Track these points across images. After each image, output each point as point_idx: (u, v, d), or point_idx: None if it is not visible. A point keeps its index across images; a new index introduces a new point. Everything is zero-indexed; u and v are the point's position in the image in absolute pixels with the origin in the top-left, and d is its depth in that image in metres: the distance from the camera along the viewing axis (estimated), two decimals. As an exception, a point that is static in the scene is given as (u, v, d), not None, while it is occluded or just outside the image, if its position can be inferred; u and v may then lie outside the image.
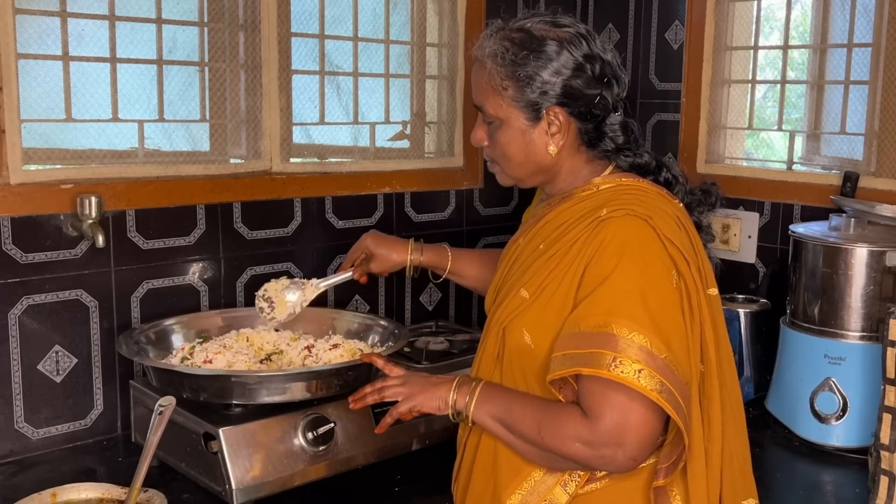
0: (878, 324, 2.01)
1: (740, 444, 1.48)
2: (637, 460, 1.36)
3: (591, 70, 1.46)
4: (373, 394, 1.60)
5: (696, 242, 1.47)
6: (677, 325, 1.36)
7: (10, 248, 1.89)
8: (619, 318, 1.32)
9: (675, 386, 1.31)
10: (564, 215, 1.49)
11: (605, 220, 1.41)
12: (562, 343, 1.37)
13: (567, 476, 1.44)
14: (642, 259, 1.36)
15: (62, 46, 1.98)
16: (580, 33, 1.47)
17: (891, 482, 1.77)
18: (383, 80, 2.56)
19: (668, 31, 2.76)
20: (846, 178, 2.34)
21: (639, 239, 1.38)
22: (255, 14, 2.23)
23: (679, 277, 1.39)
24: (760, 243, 2.55)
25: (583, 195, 1.50)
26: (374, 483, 1.83)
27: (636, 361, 1.30)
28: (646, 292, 1.34)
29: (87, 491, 1.58)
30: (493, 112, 1.49)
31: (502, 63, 1.46)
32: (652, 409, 1.32)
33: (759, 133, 2.85)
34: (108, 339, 2.04)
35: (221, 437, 1.67)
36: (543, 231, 1.51)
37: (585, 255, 1.39)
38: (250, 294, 2.25)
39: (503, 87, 1.47)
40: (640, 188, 1.49)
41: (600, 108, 1.48)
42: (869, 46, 2.37)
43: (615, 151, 1.53)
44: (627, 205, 1.42)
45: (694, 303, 1.40)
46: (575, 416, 1.36)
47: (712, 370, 1.41)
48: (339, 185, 2.42)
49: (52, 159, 1.98)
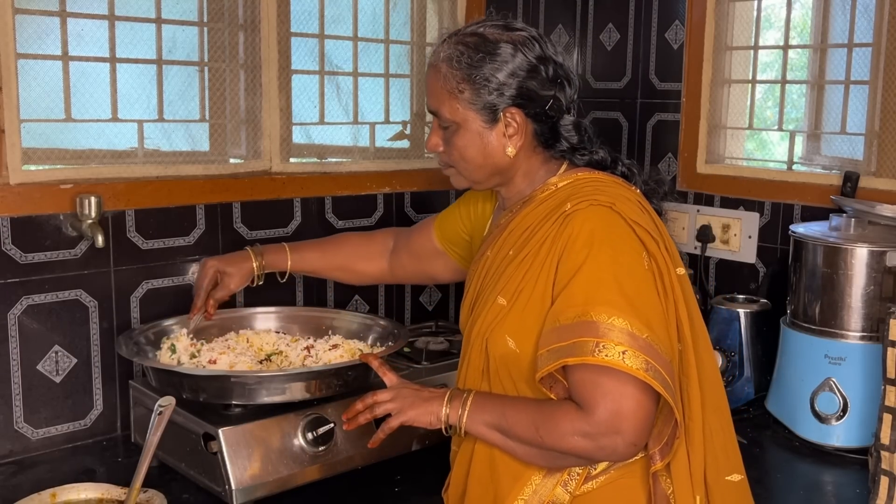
0: (878, 324, 2.01)
1: (720, 420, 1.48)
2: (637, 445, 1.36)
3: (545, 71, 1.48)
4: (364, 413, 1.59)
5: (659, 224, 1.49)
6: (654, 306, 1.37)
7: (9, 248, 1.89)
8: (597, 306, 1.34)
9: (660, 364, 1.32)
10: (528, 219, 1.50)
11: (570, 213, 1.42)
12: (545, 340, 1.38)
13: (566, 475, 1.44)
14: (612, 246, 1.38)
15: (62, 46, 1.98)
16: (532, 36, 1.50)
17: (891, 482, 1.77)
18: (383, 79, 2.55)
19: (668, 31, 2.76)
20: (846, 178, 2.34)
21: (606, 226, 1.40)
22: (254, 14, 2.23)
23: (650, 259, 1.40)
24: (760, 243, 2.55)
25: (542, 196, 1.51)
26: (374, 483, 1.83)
27: (619, 344, 1.31)
28: (620, 277, 1.36)
29: (86, 491, 1.58)
30: (449, 116, 1.50)
31: (458, 66, 1.47)
32: (644, 391, 1.33)
33: (759, 133, 2.84)
34: (107, 340, 2.04)
35: (221, 438, 1.67)
36: (510, 238, 1.52)
37: (556, 251, 1.41)
38: (250, 294, 2.25)
39: (459, 91, 1.48)
40: (596, 179, 1.51)
41: (555, 108, 1.50)
42: (869, 46, 2.37)
43: (570, 151, 1.55)
44: (589, 196, 1.44)
45: (666, 282, 1.41)
46: (570, 411, 1.37)
47: (688, 348, 1.42)
48: (339, 185, 2.42)
49: (52, 159, 1.98)
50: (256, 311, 2.13)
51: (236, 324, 2.08)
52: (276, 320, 2.13)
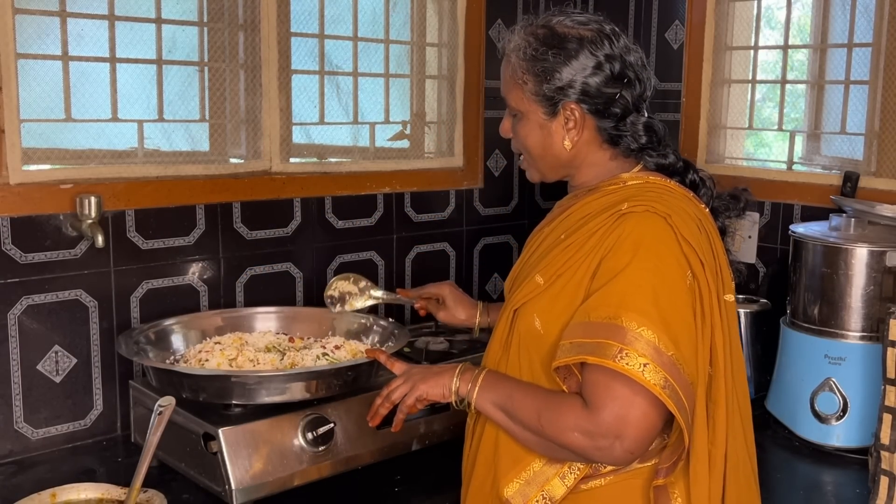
0: (878, 324, 2.01)
1: (748, 453, 1.49)
2: (634, 454, 1.36)
3: (611, 69, 1.48)
4: (383, 404, 1.61)
5: (716, 246, 1.48)
6: (687, 325, 1.37)
7: (9, 248, 1.89)
8: (630, 312, 1.33)
9: (679, 384, 1.32)
10: (588, 207, 1.51)
11: (625, 214, 1.42)
12: (570, 332, 1.38)
13: (566, 468, 1.44)
14: (657, 256, 1.38)
15: (62, 46, 1.98)
16: (604, 33, 1.50)
17: (891, 482, 1.77)
18: (383, 80, 2.55)
19: (668, 31, 2.76)
20: (846, 178, 2.34)
21: (656, 236, 1.39)
22: (254, 14, 2.23)
23: (693, 278, 1.39)
24: (761, 243, 2.55)
25: (609, 189, 1.52)
26: (374, 483, 1.83)
27: (642, 355, 1.31)
28: (658, 289, 1.35)
29: (86, 491, 1.58)
30: (515, 105, 1.54)
31: (524, 57, 1.50)
32: (653, 404, 1.33)
33: (759, 133, 2.84)
34: (107, 340, 2.04)
35: (221, 438, 1.66)
36: (567, 221, 1.53)
37: (603, 247, 1.41)
38: (250, 294, 2.25)
39: (524, 81, 1.51)
40: (666, 187, 1.51)
41: (619, 106, 1.50)
42: (869, 46, 2.37)
43: (639, 150, 1.54)
44: (649, 202, 1.43)
45: (706, 305, 1.40)
46: (575, 406, 1.37)
47: (720, 375, 1.42)
48: (339, 185, 2.42)
49: (52, 159, 1.98)
50: (256, 311, 2.13)
51: (236, 323, 2.08)
52: (276, 320, 2.13)
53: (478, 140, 2.71)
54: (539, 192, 2.91)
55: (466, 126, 2.67)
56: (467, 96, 2.66)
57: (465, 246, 2.74)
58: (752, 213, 2.55)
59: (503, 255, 2.85)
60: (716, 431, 1.41)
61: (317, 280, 2.38)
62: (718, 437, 1.41)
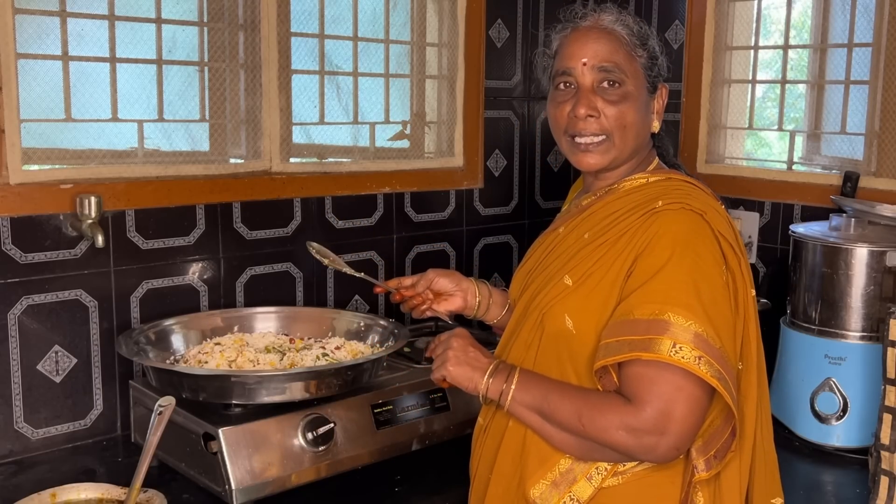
0: (878, 324, 2.01)
1: (770, 443, 1.51)
2: (679, 450, 1.35)
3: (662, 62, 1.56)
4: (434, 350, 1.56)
5: (740, 241, 1.49)
6: (726, 319, 1.38)
7: (9, 248, 1.89)
8: (675, 307, 1.33)
9: (729, 376, 1.33)
10: (613, 206, 1.50)
11: (659, 211, 1.42)
12: (613, 330, 1.37)
13: (593, 469, 1.42)
14: (696, 252, 1.38)
15: (62, 46, 1.98)
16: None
17: (891, 482, 1.77)
18: (383, 79, 2.55)
19: (668, 31, 2.76)
20: (846, 178, 2.34)
21: (693, 232, 1.40)
22: (254, 14, 2.23)
23: (729, 273, 1.40)
24: (761, 243, 2.55)
25: (630, 187, 1.52)
26: (374, 483, 1.83)
27: (696, 349, 1.31)
28: (699, 284, 1.36)
29: (86, 491, 1.58)
30: (629, 73, 1.49)
31: (633, 33, 1.51)
32: (697, 399, 1.33)
33: (760, 133, 2.84)
34: (107, 340, 2.04)
35: (221, 438, 1.66)
36: (589, 221, 1.51)
37: (637, 245, 1.41)
38: (250, 294, 2.25)
39: (637, 54, 1.51)
40: (691, 184, 1.51)
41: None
42: (869, 46, 2.37)
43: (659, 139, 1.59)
44: (682, 199, 1.44)
45: (741, 299, 1.41)
46: (618, 404, 1.36)
47: (752, 368, 1.43)
48: (339, 184, 2.42)
49: (52, 159, 1.98)
50: (256, 312, 2.13)
51: (236, 323, 2.08)
52: (276, 320, 2.12)
53: (478, 140, 2.71)
54: (539, 192, 2.91)
55: (466, 126, 2.67)
56: (467, 96, 2.66)
57: (465, 246, 2.74)
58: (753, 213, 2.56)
59: (503, 255, 2.85)
60: (745, 425, 1.42)
61: (317, 280, 2.38)
62: (747, 430, 1.42)
